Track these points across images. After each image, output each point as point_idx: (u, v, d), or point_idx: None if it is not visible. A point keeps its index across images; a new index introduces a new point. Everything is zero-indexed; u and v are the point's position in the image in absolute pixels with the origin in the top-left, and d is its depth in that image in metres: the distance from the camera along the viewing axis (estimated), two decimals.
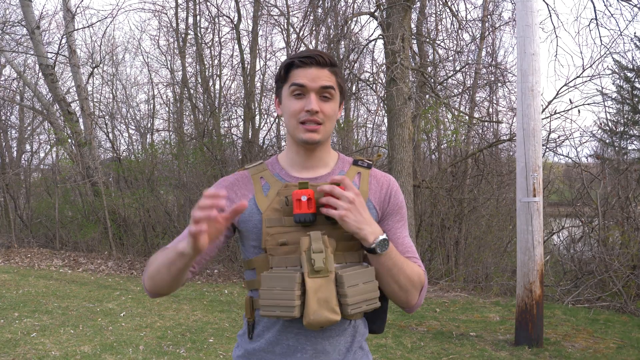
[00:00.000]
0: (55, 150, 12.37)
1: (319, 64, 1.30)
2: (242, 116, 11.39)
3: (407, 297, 1.32)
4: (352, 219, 1.21)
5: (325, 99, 1.31)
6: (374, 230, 1.23)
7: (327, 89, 1.30)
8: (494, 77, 9.67)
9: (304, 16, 9.40)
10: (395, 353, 4.36)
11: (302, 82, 1.29)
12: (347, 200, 1.21)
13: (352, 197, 1.21)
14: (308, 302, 1.19)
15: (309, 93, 1.29)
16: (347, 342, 1.33)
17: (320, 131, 1.31)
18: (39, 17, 12.34)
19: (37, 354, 4.13)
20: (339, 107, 1.38)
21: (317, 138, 1.31)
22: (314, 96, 1.29)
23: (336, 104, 1.34)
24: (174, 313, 5.62)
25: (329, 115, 1.31)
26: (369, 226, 1.22)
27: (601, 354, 4.32)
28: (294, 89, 1.30)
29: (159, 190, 11.11)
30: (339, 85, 1.34)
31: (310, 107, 1.28)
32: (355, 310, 1.21)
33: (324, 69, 1.31)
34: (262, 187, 1.35)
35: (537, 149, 4.46)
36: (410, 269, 1.31)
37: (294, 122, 1.31)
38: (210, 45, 11.84)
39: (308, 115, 1.29)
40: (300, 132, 1.31)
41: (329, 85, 1.30)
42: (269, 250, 1.28)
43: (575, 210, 7.64)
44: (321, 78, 1.29)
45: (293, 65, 1.32)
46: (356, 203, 1.22)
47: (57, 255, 9.81)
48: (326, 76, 1.30)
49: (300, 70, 1.30)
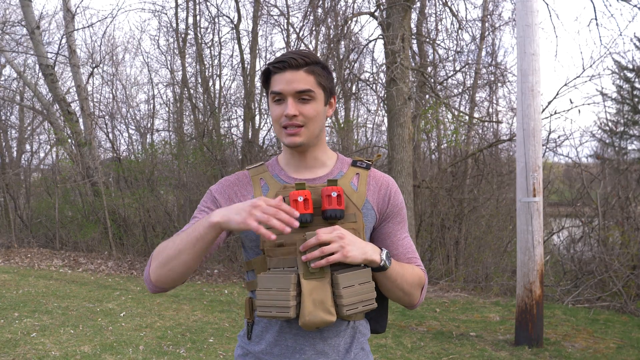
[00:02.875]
0: (55, 150, 12.37)
1: (293, 66, 1.30)
2: (242, 116, 11.40)
3: (410, 300, 1.36)
4: (354, 252, 1.20)
5: (304, 101, 1.31)
6: (374, 248, 1.26)
7: (304, 92, 1.30)
8: (494, 77, 9.68)
9: (304, 16, 9.39)
10: (395, 353, 4.36)
11: (277, 90, 1.30)
12: (337, 238, 1.20)
13: (338, 233, 1.21)
14: (303, 303, 1.20)
15: (287, 98, 1.30)
16: (347, 343, 1.34)
17: (301, 134, 1.31)
18: (39, 17, 12.36)
19: (37, 354, 4.13)
20: (327, 104, 1.38)
21: (298, 141, 1.32)
22: (291, 101, 1.30)
23: (318, 104, 1.33)
24: (174, 313, 5.62)
25: (310, 116, 1.31)
26: (368, 247, 1.24)
27: (601, 354, 4.32)
28: (273, 96, 1.32)
29: (159, 190, 11.11)
30: (320, 84, 1.33)
31: (287, 112, 1.29)
32: (351, 311, 1.22)
33: (299, 70, 1.30)
34: (262, 188, 1.37)
35: (537, 149, 4.46)
36: (412, 273, 1.34)
37: (278, 127, 1.34)
38: (210, 45, 11.84)
39: (287, 119, 1.30)
40: (283, 137, 1.33)
41: (305, 89, 1.30)
42: (267, 251, 1.29)
43: (575, 210, 7.64)
44: (296, 81, 1.30)
45: (270, 71, 1.33)
46: (345, 235, 1.21)
47: (57, 255, 9.81)
48: (302, 78, 1.30)
49: (277, 76, 1.32)
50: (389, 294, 1.33)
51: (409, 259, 1.38)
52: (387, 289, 1.31)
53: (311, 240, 1.19)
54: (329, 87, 1.37)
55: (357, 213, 1.31)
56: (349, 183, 1.36)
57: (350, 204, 1.32)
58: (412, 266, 1.36)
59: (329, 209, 1.26)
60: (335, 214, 1.25)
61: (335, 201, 1.26)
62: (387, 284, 1.29)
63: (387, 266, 1.25)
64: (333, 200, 1.26)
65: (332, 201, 1.26)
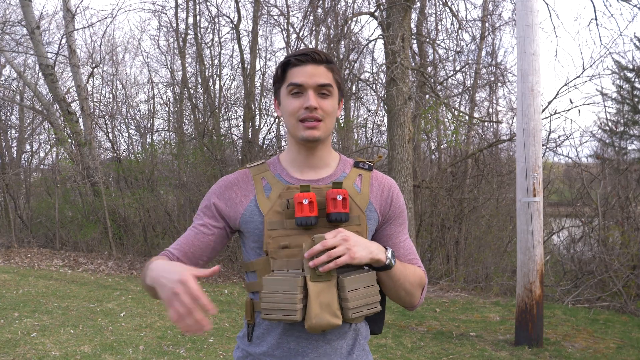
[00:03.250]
0: (55, 150, 12.37)
1: (315, 61, 1.30)
2: (242, 116, 11.40)
3: (411, 300, 1.36)
4: (361, 252, 1.20)
5: (323, 96, 1.30)
6: (379, 247, 1.25)
7: (324, 86, 1.29)
8: (494, 77, 9.68)
9: (304, 16, 9.40)
10: (395, 353, 4.36)
11: (298, 81, 1.29)
12: (342, 240, 1.19)
13: (342, 235, 1.20)
14: (310, 306, 1.19)
15: (307, 90, 1.29)
16: (349, 345, 1.33)
17: (320, 128, 1.30)
18: (39, 17, 12.36)
19: (37, 354, 4.13)
20: (338, 105, 1.37)
21: (317, 135, 1.30)
22: (311, 93, 1.28)
23: (335, 101, 1.33)
24: None
25: (328, 111, 1.31)
26: (374, 246, 1.23)
27: (601, 354, 4.32)
28: (292, 88, 1.30)
29: (159, 190, 11.11)
30: (337, 82, 1.34)
31: (309, 104, 1.27)
32: (356, 315, 1.21)
33: (321, 65, 1.30)
34: (264, 187, 1.35)
35: (537, 149, 4.46)
36: (413, 273, 1.34)
37: (293, 120, 1.31)
38: (210, 45, 11.85)
39: (307, 112, 1.29)
40: (300, 130, 1.30)
41: (326, 83, 1.29)
42: (271, 253, 1.28)
43: (575, 210, 7.64)
44: (318, 75, 1.29)
45: (289, 64, 1.31)
46: (349, 237, 1.20)
47: (57, 255, 9.81)
48: (323, 73, 1.30)
49: (297, 68, 1.30)
50: (391, 293, 1.32)
51: (410, 260, 1.39)
52: (389, 288, 1.30)
53: (316, 247, 1.18)
54: (342, 87, 1.38)
55: (361, 215, 1.31)
56: (352, 185, 1.35)
57: (354, 206, 1.31)
58: (414, 266, 1.36)
59: (334, 212, 1.25)
60: (340, 217, 1.25)
61: (341, 204, 1.25)
62: (390, 284, 1.29)
63: (392, 265, 1.25)
64: (338, 204, 1.25)
65: (338, 204, 1.25)
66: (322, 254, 1.18)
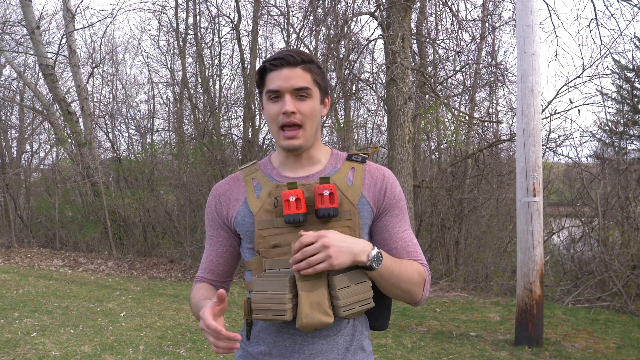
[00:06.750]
0: (55, 150, 12.37)
1: (290, 64, 1.28)
2: (242, 116, 11.40)
3: (411, 297, 1.32)
4: (341, 258, 1.16)
5: (302, 98, 1.29)
6: (364, 247, 1.21)
7: (301, 89, 1.28)
8: (494, 77, 9.67)
9: (304, 16, 9.40)
10: (395, 353, 4.36)
11: (274, 87, 1.28)
12: (322, 247, 1.15)
13: (323, 241, 1.16)
14: (300, 305, 1.18)
15: (284, 95, 1.28)
16: (347, 341, 1.32)
17: (300, 136, 1.29)
18: (39, 17, 12.35)
19: (37, 354, 4.13)
20: (323, 104, 1.36)
21: (297, 144, 1.29)
22: (288, 97, 1.28)
23: (315, 102, 1.31)
24: (174, 313, 5.62)
25: (308, 114, 1.29)
26: (356, 247, 1.19)
27: (601, 354, 4.32)
28: (270, 94, 1.30)
29: (159, 190, 11.11)
30: (316, 82, 1.32)
31: (285, 109, 1.27)
32: (348, 312, 1.20)
33: (297, 68, 1.29)
34: (254, 187, 1.35)
35: (537, 149, 4.46)
36: (409, 269, 1.29)
37: (275, 127, 1.31)
38: (210, 45, 11.85)
39: (285, 117, 1.28)
40: (281, 139, 1.30)
41: (303, 86, 1.28)
42: (262, 252, 1.28)
43: (575, 210, 7.64)
44: (294, 78, 1.28)
45: (266, 69, 1.31)
46: (330, 244, 1.16)
47: (57, 255, 9.81)
48: (300, 76, 1.28)
49: (273, 73, 1.29)
50: (386, 292, 1.30)
51: (409, 253, 1.34)
52: (383, 287, 1.28)
53: (297, 255, 1.16)
54: (324, 85, 1.35)
55: (352, 210, 1.29)
56: (343, 178, 1.33)
57: (345, 200, 1.29)
58: (411, 262, 1.32)
59: (321, 208, 1.24)
60: (328, 212, 1.23)
61: (328, 200, 1.24)
62: (382, 283, 1.26)
63: (373, 267, 1.20)
64: (325, 199, 1.23)
65: (325, 200, 1.24)
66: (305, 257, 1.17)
